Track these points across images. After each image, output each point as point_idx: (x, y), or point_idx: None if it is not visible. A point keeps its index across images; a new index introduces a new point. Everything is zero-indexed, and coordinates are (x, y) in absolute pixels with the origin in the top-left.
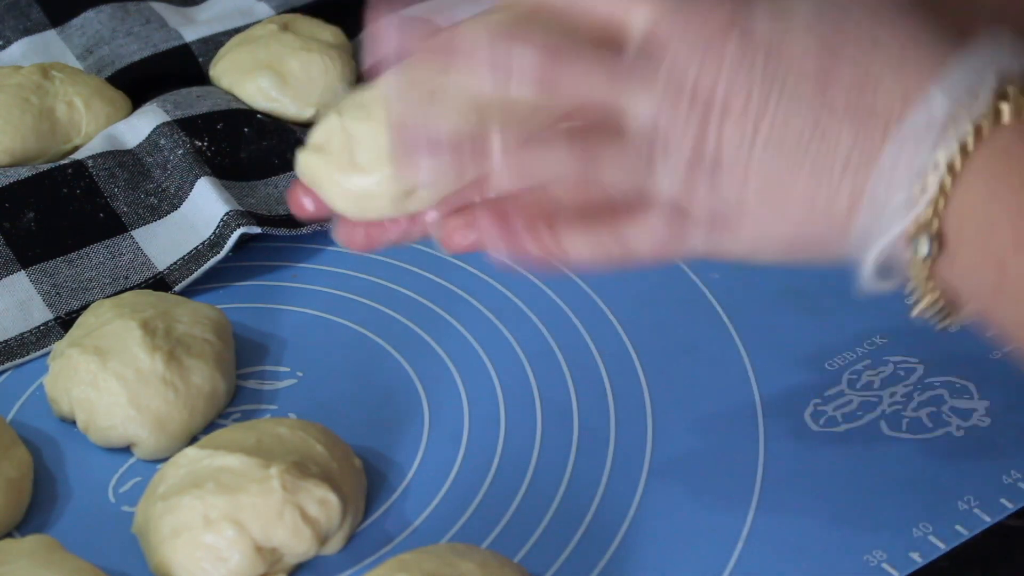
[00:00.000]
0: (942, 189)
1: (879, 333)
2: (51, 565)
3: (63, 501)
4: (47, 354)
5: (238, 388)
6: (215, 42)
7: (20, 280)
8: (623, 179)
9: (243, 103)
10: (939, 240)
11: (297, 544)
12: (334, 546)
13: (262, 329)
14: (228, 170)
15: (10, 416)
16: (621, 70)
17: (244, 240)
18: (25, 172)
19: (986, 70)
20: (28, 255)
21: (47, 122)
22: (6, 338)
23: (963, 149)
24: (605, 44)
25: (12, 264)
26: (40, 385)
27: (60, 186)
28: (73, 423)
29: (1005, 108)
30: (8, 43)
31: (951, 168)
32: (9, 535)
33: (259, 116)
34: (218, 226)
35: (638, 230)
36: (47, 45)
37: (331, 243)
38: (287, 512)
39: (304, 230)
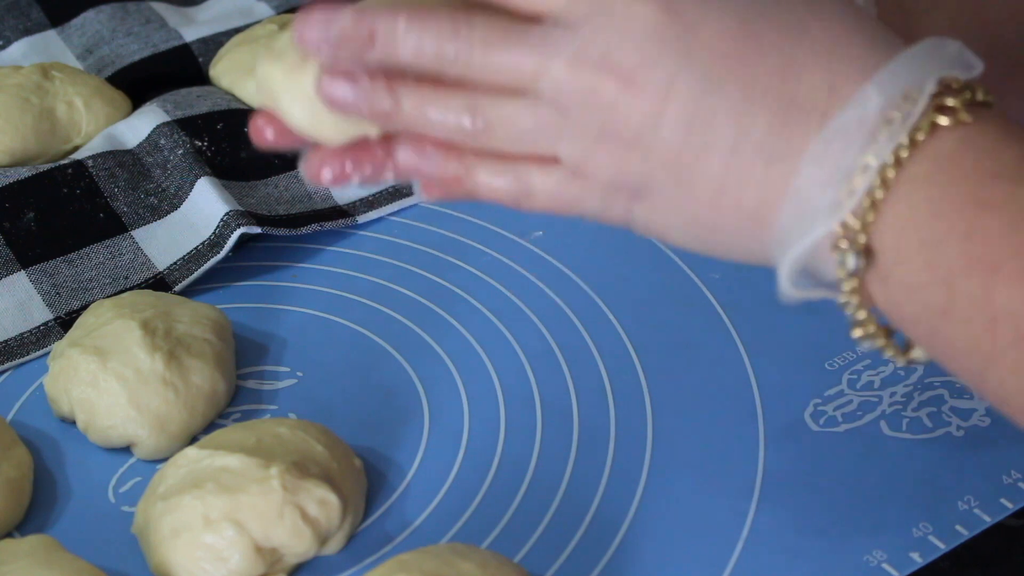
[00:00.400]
0: (872, 201)
1: None
2: (51, 565)
3: (63, 501)
4: (47, 354)
5: (238, 388)
6: (215, 42)
7: (20, 280)
8: (521, 145)
9: (243, 103)
10: (866, 254)
11: (297, 544)
12: (334, 546)
13: (262, 329)
14: (228, 170)
15: (10, 416)
16: (533, 37)
17: (244, 240)
18: (25, 172)
19: (927, 74)
20: (28, 255)
21: (47, 122)
22: (6, 338)
23: (897, 158)
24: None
25: (12, 264)
26: (40, 385)
27: (60, 186)
28: (73, 423)
29: (943, 119)
30: (8, 43)
31: (883, 178)
32: (9, 535)
33: None
34: (218, 226)
35: (541, 178)
36: (47, 45)
37: (331, 243)
38: (287, 512)
39: (304, 230)
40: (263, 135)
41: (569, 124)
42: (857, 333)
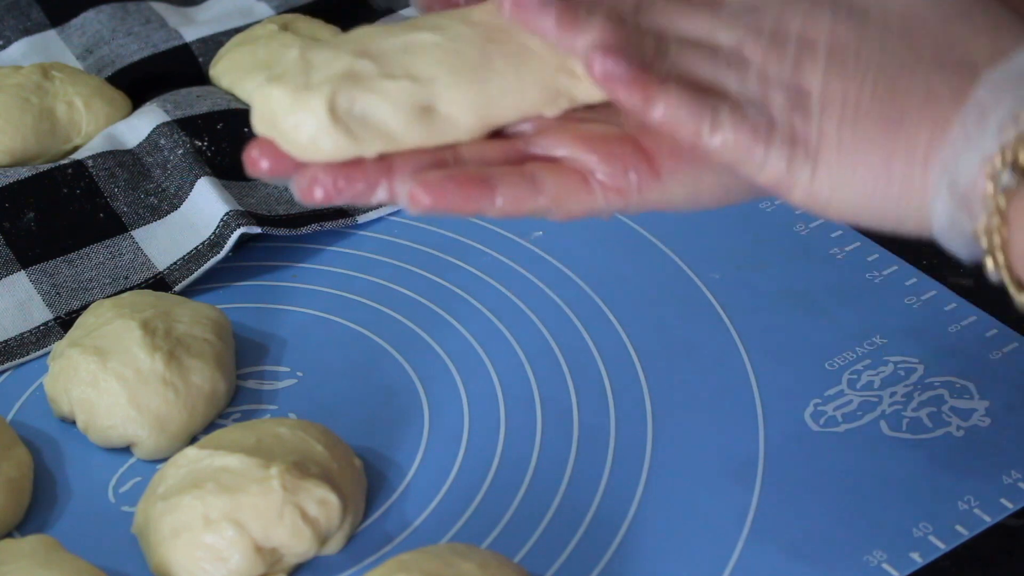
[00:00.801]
0: None
1: (879, 333)
2: (51, 565)
3: (63, 501)
4: (47, 354)
5: (238, 388)
6: (215, 42)
7: (20, 280)
8: (704, 71)
9: (243, 103)
10: (1020, 173)
11: (297, 544)
12: (334, 546)
13: (262, 329)
14: (228, 170)
15: (10, 416)
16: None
17: (244, 240)
18: (25, 172)
19: None
20: (28, 255)
21: (47, 122)
22: (6, 338)
23: None
24: None
25: (12, 264)
26: (40, 385)
27: (60, 186)
28: (73, 423)
29: None
30: (8, 43)
31: None
32: (9, 535)
33: None
34: (218, 226)
35: (727, 109)
36: (47, 45)
37: (331, 243)
38: (287, 512)
39: (304, 230)
40: (258, 165)
41: (749, 66)
42: (989, 265)
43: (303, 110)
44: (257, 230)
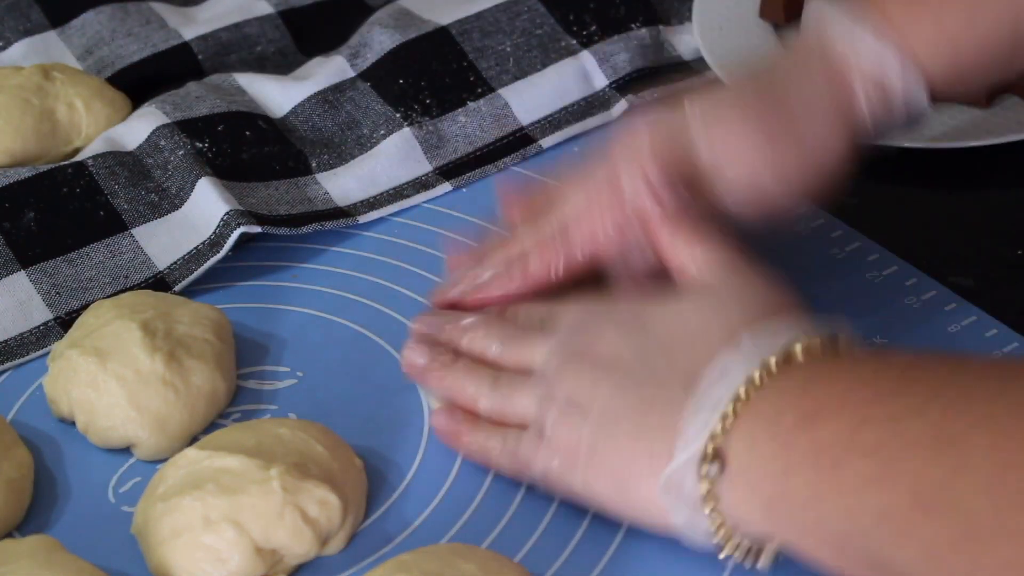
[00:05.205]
0: (724, 422)
1: (879, 333)
2: (51, 565)
3: (63, 501)
4: (47, 354)
5: (238, 388)
6: (215, 39)
7: (20, 280)
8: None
9: (243, 104)
10: (721, 462)
11: (297, 545)
12: (335, 547)
13: (262, 329)
14: (229, 171)
15: (10, 416)
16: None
17: (244, 240)
18: (25, 172)
19: (777, 337)
20: (28, 255)
21: (48, 123)
22: (6, 338)
23: (747, 390)
24: None
25: (12, 264)
26: (40, 385)
27: (60, 186)
28: (73, 423)
29: (778, 360)
30: (8, 44)
31: (735, 406)
32: (9, 535)
33: (260, 122)
34: (218, 226)
35: (519, 440)
36: (47, 46)
37: (331, 243)
38: (287, 513)
39: (304, 230)
40: None
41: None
42: (718, 537)
43: None
44: (257, 229)
